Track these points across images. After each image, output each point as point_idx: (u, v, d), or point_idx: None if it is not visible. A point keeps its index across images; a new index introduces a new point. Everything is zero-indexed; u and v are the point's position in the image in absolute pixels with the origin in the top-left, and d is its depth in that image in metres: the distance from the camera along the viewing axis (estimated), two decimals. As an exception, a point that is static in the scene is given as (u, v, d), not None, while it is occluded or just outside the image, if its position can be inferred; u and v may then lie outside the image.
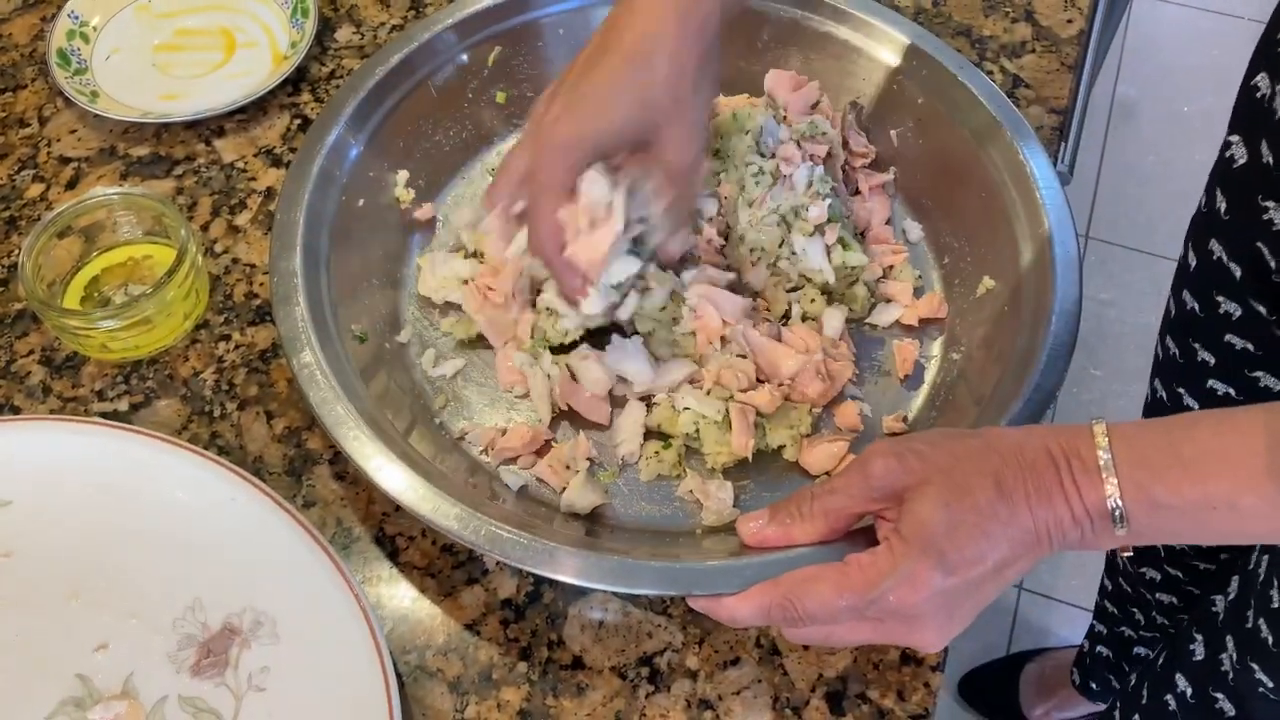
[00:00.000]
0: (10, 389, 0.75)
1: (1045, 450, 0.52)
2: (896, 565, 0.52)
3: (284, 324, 0.68)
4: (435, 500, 0.62)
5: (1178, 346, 0.94)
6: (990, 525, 0.51)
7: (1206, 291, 0.87)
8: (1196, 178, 1.13)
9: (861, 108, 0.83)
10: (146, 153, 0.86)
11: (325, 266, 0.72)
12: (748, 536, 0.60)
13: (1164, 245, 2.04)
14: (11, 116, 0.88)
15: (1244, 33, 2.40)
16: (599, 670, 0.64)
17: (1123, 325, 1.96)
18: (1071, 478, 0.51)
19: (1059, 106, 0.89)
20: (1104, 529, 0.51)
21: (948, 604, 0.52)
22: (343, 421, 0.64)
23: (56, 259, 0.76)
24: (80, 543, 0.66)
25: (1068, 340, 0.67)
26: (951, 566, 0.51)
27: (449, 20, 0.81)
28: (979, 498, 0.52)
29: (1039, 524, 0.52)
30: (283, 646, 0.63)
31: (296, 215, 0.72)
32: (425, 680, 0.64)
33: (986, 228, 0.76)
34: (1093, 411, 1.76)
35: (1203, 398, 0.92)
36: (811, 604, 0.54)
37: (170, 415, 0.74)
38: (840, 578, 0.53)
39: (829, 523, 0.57)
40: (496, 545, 0.60)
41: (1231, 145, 0.82)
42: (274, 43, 0.92)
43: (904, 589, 0.52)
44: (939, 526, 0.51)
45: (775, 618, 0.55)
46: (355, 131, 0.78)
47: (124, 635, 0.64)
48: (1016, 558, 0.52)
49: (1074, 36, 0.93)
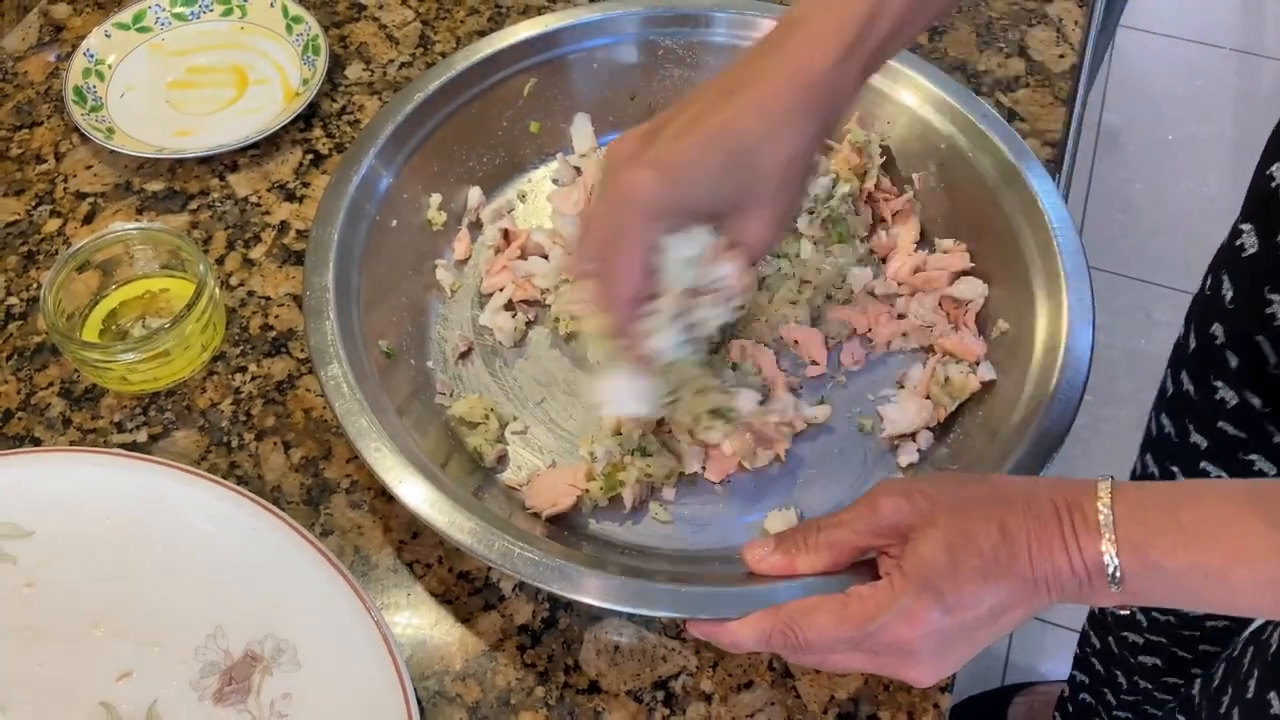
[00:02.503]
0: (31, 421, 0.76)
1: (1050, 502, 0.53)
2: (895, 600, 0.53)
3: (314, 336, 0.69)
4: (452, 514, 0.63)
5: (1172, 425, 0.94)
6: (991, 571, 0.52)
7: (1204, 375, 0.88)
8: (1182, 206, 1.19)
9: (889, 149, 0.85)
10: (161, 188, 0.88)
11: (357, 283, 0.74)
12: (752, 562, 0.61)
13: (1150, 271, 2.07)
14: (29, 153, 0.90)
15: (1227, 63, 2.44)
16: (615, 694, 0.66)
17: (1111, 350, 1.99)
18: (1073, 531, 0.52)
19: (1053, 139, 0.91)
20: (1100, 585, 0.52)
21: (942, 643, 0.53)
22: (365, 434, 0.65)
23: (75, 293, 0.78)
24: (102, 572, 0.67)
25: (1078, 388, 0.68)
26: (949, 607, 0.52)
27: (489, 50, 0.83)
28: (982, 543, 0.53)
29: (1039, 573, 0.52)
30: (304, 673, 0.64)
31: (331, 233, 0.74)
32: (444, 705, 0.65)
33: (1003, 271, 0.78)
34: (1081, 436, 1.78)
35: (1195, 478, 0.93)
36: (811, 633, 0.55)
37: (189, 446, 0.75)
38: (840, 609, 0.55)
39: (833, 555, 0.58)
40: (509, 561, 0.61)
41: (1242, 234, 0.83)
42: (285, 79, 0.94)
43: (900, 624, 0.53)
44: (941, 567, 0.53)
45: (775, 643, 0.57)
46: (390, 156, 0.79)
47: (147, 663, 0.65)
48: (1014, 605, 0.53)
49: (1066, 71, 0.96)
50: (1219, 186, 2.21)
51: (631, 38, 0.86)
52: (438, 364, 0.78)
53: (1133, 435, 1.83)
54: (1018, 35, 0.99)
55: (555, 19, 0.85)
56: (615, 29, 0.86)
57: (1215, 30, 2.49)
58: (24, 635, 0.66)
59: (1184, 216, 2.17)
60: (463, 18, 1.00)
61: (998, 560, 0.52)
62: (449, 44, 0.98)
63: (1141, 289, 2.06)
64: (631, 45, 0.86)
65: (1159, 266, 2.08)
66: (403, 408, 0.71)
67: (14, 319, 0.81)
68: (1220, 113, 2.35)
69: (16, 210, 0.87)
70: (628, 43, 0.86)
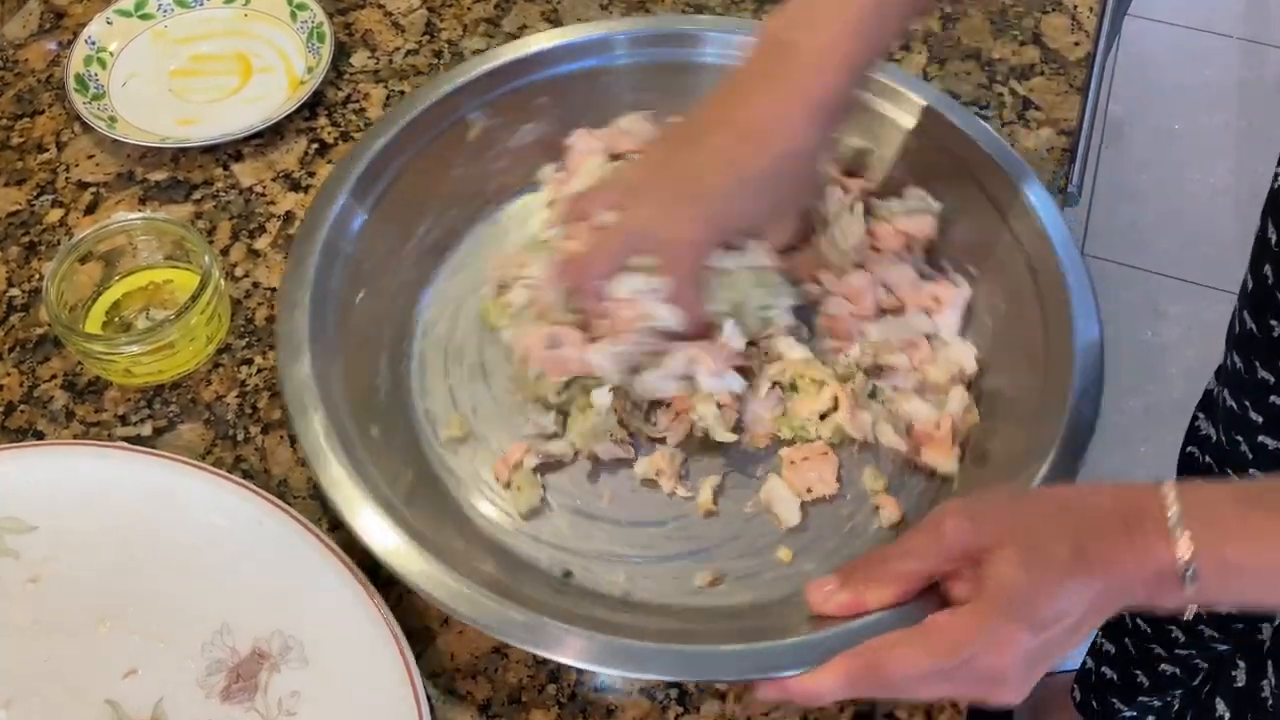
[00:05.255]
0: (33, 414, 0.75)
1: (1117, 511, 0.52)
2: (983, 627, 0.52)
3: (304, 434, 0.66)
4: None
5: (1242, 362, 0.95)
6: (1069, 584, 0.51)
7: (1262, 315, 0.88)
8: (1189, 195, 1.17)
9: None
10: (165, 177, 0.87)
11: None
12: (818, 603, 0.59)
13: (1157, 262, 2.06)
14: (30, 142, 0.89)
15: (1235, 52, 2.43)
16: (628, 692, 0.65)
17: (1117, 342, 1.98)
18: (1142, 535, 0.51)
19: (1068, 128, 0.90)
20: (1172, 588, 0.51)
21: (1031, 663, 0.53)
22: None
23: (78, 284, 0.76)
24: (107, 568, 0.66)
25: (1088, 421, 0.66)
26: (1036, 627, 0.52)
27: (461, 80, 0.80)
28: (1057, 558, 0.52)
29: (1111, 583, 0.52)
30: (312, 670, 0.63)
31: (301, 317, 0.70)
32: (455, 703, 0.64)
33: (1005, 297, 0.75)
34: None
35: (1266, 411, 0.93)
36: (898, 669, 0.53)
37: (194, 439, 0.74)
38: (926, 640, 0.53)
39: (903, 586, 0.57)
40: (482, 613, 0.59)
41: (1279, 176, 0.84)
42: (290, 68, 0.93)
43: (993, 652, 0.52)
44: (1022, 588, 0.52)
45: (860, 686, 0.55)
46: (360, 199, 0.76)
47: (153, 660, 0.64)
48: (1091, 614, 0.52)
49: (1081, 59, 0.95)
50: (1226, 176, 2.19)
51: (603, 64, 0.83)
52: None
53: (1142, 425, 1.83)
54: (1032, 23, 0.97)
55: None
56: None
57: (1221, 19, 2.47)
58: (28, 632, 0.65)
59: (1191, 207, 2.16)
60: (469, 4, 0.98)
61: (1074, 573, 0.52)
62: (455, 31, 0.96)
63: (1148, 279, 2.05)
64: (606, 76, 0.83)
65: (1166, 257, 2.07)
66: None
67: (16, 311, 0.80)
68: (1227, 102, 2.34)
69: (18, 200, 0.85)
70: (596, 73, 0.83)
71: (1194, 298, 2.01)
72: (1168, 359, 1.96)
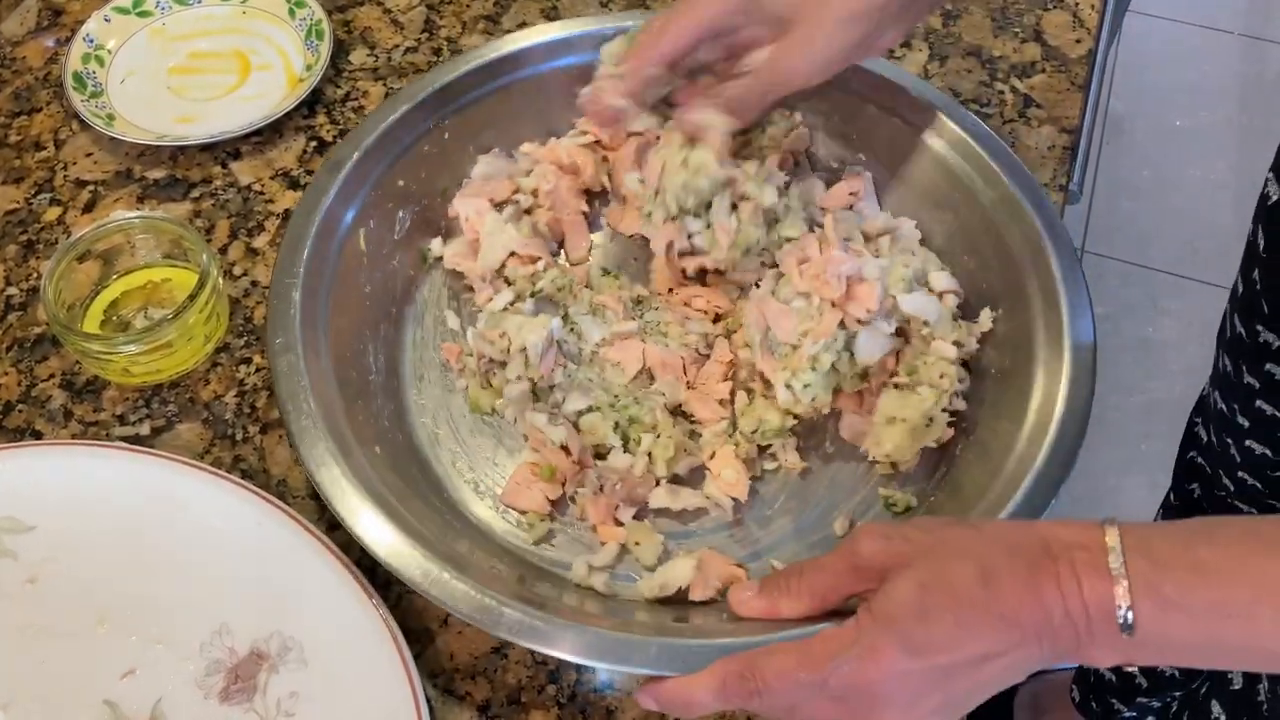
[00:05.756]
0: (31, 414, 0.75)
1: (1042, 540, 0.50)
2: (858, 639, 0.50)
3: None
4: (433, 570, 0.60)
5: (1230, 365, 0.94)
6: (966, 612, 0.49)
7: (1249, 320, 0.89)
8: (1190, 192, 1.16)
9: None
10: (163, 175, 0.87)
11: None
12: (736, 605, 0.59)
13: (1158, 259, 2.06)
14: (28, 140, 0.88)
15: (1235, 48, 2.42)
16: (628, 692, 0.65)
17: (1118, 339, 1.98)
18: (1072, 571, 0.48)
19: (1070, 126, 0.90)
20: (1103, 631, 0.48)
21: (912, 690, 0.50)
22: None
23: (76, 283, 0.76)
24: (105, 568, 0.66)
25: (1074, 443, 0.65)
26: (916, 648, 0.49)
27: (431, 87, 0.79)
28: (957, 583, 0.50)
29: (1026, 619, 0.49)
30: (311, 671, 0.63)
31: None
32: (454, 704, 0.64)
33: (1003, 309, 0.75)
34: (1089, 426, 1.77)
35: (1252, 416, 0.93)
36: (770, 674, 0.52)
37: (192, 439, 0.74)
38: (802, 649, 0.52)
39: (816, 599, 0.57)
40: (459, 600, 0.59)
41: (1269, 182, 0.84)
42: (289, 65, 0.93)
43: (862, 664, 0.50)
44: (909, 606, 0.50)
45: (732, 691, 0.53)
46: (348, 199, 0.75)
47: (151, 661, 0.64)
48: (997, 653, 0.49)
49: (1083, 56, 0.94)
50: (1227, 173, 2.19)
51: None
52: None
53: (1141, 422, 1.83)
54: (1033, 20, 0.97)
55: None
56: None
57: (1222, 15, 2.46)
58: (26, 632, 0.64)
59: (1191, 204, 2.15)
60: (468, 2, 0.98)
61: (973, 602, 0.49)
62: (454, 28, 0.96)
63: (1149, 276, 2.05)
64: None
65: (1166, 254, 2.07)
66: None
67: (14, 309, 0.79)
68: (1227, 99, 2.33)
69: (16, 198, 0.85)
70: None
71: (1194, 295, 2.01)
72: (1168, 356, 1.96)
